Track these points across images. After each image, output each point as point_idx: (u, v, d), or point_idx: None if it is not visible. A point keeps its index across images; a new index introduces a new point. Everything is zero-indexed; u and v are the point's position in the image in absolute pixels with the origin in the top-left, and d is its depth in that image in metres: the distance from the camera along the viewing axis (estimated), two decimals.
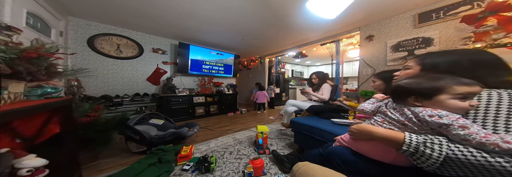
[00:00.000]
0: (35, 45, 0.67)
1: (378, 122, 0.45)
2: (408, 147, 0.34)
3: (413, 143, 0.33)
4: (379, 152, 0.42)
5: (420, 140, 0.33)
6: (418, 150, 0.32)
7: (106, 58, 1.98)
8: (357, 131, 0.46)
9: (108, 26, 1.96)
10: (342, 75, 2.36)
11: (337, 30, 2.06)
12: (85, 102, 1.04)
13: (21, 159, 0.46)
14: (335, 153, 0.50)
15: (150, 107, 2.16)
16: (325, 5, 1.19)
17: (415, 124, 0.37)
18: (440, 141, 0.31)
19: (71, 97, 1.12)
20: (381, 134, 0.39)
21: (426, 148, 0.31)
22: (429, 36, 1.43)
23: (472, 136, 0.28)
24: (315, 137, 0.92)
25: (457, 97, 0.33)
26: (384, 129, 0.41)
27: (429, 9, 1.42)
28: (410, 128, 0.37)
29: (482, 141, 0.27)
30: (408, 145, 0.34)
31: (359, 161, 0.44)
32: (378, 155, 0.42)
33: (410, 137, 0.34)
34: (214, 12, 1.59)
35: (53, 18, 1.44)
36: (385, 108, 0.45)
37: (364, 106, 0.54)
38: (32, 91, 0.61)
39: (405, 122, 0.38)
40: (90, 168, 0.92)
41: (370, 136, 0.42)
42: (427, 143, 0.32)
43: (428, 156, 0.31)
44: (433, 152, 0.30)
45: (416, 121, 0.36)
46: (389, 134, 0.38)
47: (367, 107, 0.53)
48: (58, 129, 0.67)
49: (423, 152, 0.31)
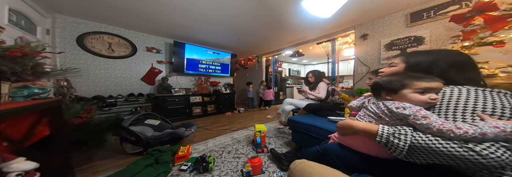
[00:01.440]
0: (19, 44, 0.64)
1: (360, 117, 0.49)
2: (380, 138, 0.37)
3: (384, 134, 0.37)
4: (363, 145, 0.45)
5: (390, 131, 0.37)
6: (389, 140, 0.36)
7: (98, 57, 1.91)
8: (341, 126, 0.50)
9: (98, 24, 1.88)
10: (338, 74, 2.40)
11: (332, 29, 2.08)
12: (76, 103, 1.01)
13: (10, 162, 0.44)
14: (330, 150, 0.52)
15: (145, 108, 2.11)
16: (320, 4, 1.20)
17: (387, 115, 0.41)
18: (406, 132, 0.35)
19: (61, 98, 1.08)
20: (360, 127, 0.43)
21: (394, 138, 0.35)
22: (421, 35, 1.47)
23: (433, 124, 0.32)
24: (312, 135, 0.93)
25: (417, 91, 0.38)
26: (362, 123, 0.45)
27: (421, 8, 1.46)
28: (384, 120, 0.42)
29: (440, 128, 0.30)
30: (381, 136, 0.37)
31: (351, 156, 0.46)
32: (364, 148, 0.45)
33: (382, 128, 0.38)
34: (209, 10, 1.56)
35: (38, 15, 1.37)
36: (367, 103, 0.50)
37: (353, 103, 0.59)
38: (17, 92, 0.58)
39: (380, 115, 0.42)
40: (84, 170, 0.90)
41: (352, 130, 0.45)
42: (395, 134, 0.35)
43: (396, 145, 0.34)
44: (400, 141, 0.34)
45: (388, 113, 0.41)
46: (366, 127, 0.42)
47: (354, 104, 0.58)
48: (48, 131, 0.65)
49: (392, 142, 0.35)
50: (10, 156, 0.45)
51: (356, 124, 0.45)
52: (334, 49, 2.30)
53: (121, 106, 1.94)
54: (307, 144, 1.01)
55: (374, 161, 0.43)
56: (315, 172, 0.35)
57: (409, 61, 0.47)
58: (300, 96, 1.82)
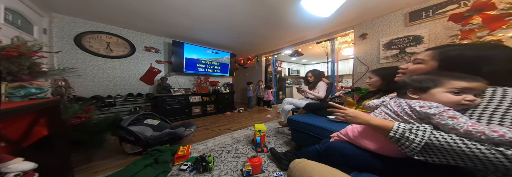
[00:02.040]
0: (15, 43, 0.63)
1: (375, 114, 0.49)
2: (394, 133, 0.36)
3: (400, 130, 0.36)
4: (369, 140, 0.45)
5: (407, 127, 0.36)
6: (404, 135, 0.35)
7: (96, 57, 1.90)
8: (353, 115, 0.47)
9: (96, 23, 1.86)
10: (337, 73, 2.40)
11: (332, 28, 2.08)
12: (75, 103, 1.00)
13: (7, 163, 0.44)
14: (334, 148, 0.51)
15: (144, 108, 2.10)
16: (319, 3, 1.20)
17: (406, 114, 0.40)
18: (425, 128, 0.33)
19: (59, 98, 1.07)
20: (375, 122, 0.42)
21: (410, 134, 0.34)
22: (419, 34, 1.48)
23: (460, 125, 0.30)
24: (312, 134, 0.93)
25: (452, 91, 0.35)
26: (380, 119, 0.43)
27: (419, 8, 1.46)
28: (401, 118, 0.41)
29: (468, 129, 0.29)
30: (395, 131, 0.36)
31: (357, 154, 0.46)
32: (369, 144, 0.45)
33: (398, 124, 0.38)
34: (208, 9, 1.55)
35: (35, 15, 1.35)
36: (388, 101, 0.49)
37: (373, 101, 0.57)
38: (14, 92, 0.57)
39: (398, 113, 0.41)
40: (83, 170, 0.89)
41: (366, 122, 0.43)
42: (412, 129, 0.34)
43: (411, 141, 0.33)
44: (416, 137, 0.33)
45: (408, 112, 0.39)
46: (380, 122, 0.41)
47: (374, 102, 0.56)
48: (46, 132, 0.64)
49: (408, 137, 0.34)
50: (8, 157, 0.45)
51: (369, 118, 0.43)
52: (334, 48, 2.30)
53: (120, 106, 1.92)
54: (306, 143, 1.01)
55: (379, 159, 0.43)
56: (315, 171, 0.35)
57: (442, 59, 0.40)
58: (299, 95, 1.82)
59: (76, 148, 0.90)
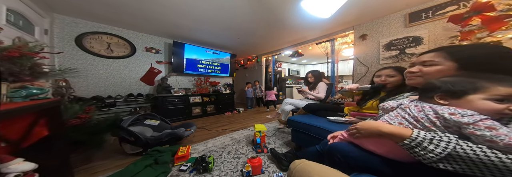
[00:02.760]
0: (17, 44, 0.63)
1: (390, 117, 0.44)
2: (410, 142, 0.34)
3: (418, 139, 0.33)
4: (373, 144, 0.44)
5: (427, 136, 0.32)
6: (421, 145, 0.32)
7: (96, 58, 1.90)
8: (363, 128, 0.44)
9: (97, 24, 1.87)
10: (337, 74, 2.40)
11: (332, 29, 2.09)
12: (75, 103, 1.00)
13: (8, 163, 0.44)
14: (336, 149, 0.50)
15: (144, 108, 2.11)
16: (319, 4, 1.20)
17: (429, 121, 0.35)
18: (449, 139, 0.30)
19: (60, 99, 1.08)
20: (387, 129, 0.39)
21: (430, 144, 0.31)
22: (419, 35, 1.48)
23: (500, 137, 0.26)
24: (312, 134, 0.93)
25: (493, 98, 0.30)
26: (391, 126, 0.40)
27: (419, 9, 1.47)
28: (421, 124, 0.36)
29: (510, 143, 0.25)
30: (412, 140, 0.33)
31: (360, 157, 0.45)
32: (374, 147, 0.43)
33: (418, 133, 0.34)
34: (208, 10, 1.56)
35: (36, 15, 1.36)
36: (407, 104, 0.43)
37: (388, 103, 0.51)
38: (15, 93, 0.57)
39: (419, 119, 0.37)
40: (83, 171, 0.89)
41: (378, 132, 0.40)
42: (434, 140, 0.31)
43: (429, 151, 0.31)
44: (437, 148, 0.30)
45: (432, 118, 0.35)
46: (395, 130, 0.37)
47: (390, 104, 0.49)
48: (46, 132, 0.64)
49: (425, 147, 0.31)
50: (8, 157, 0.45)
51: (379, 125, 0.40)
52: (334, 49, 2.31)
53: (120, 106, 1.93)
54: (306, 144, 1.01)
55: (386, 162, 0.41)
56: (315, 172, 0.35)
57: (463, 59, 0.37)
58: (299, 96, 1.82)
59: (76, 148, 0.90)
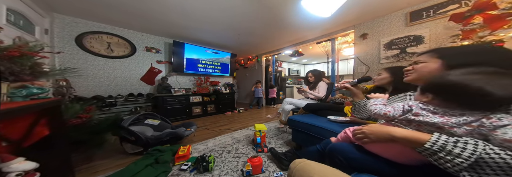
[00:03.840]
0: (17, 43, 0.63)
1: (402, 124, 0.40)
2: (431, 145, 0.30)
3: (440, 142, 0.30)
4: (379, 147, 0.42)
5: (450, 140, 0.29)
6: (445, 149, 0.29)
7: (97, 57, 1.90)
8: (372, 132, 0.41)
9: (97, 23, 1.87)
10: (337, 73, 2.40)
11: (332, 28, 2.08)
12: (76, 103, 1.00)
13: (9, 162, 0.44)
14: (337, 150, 0.50)
15: (145, 108, 2.11)
16: (320, 3, 1.20)
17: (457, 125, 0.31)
18: (476, 142, 0.28)
19: (60, 98, 1.08)
20: (401, 134, 0.35)
21: (455, 147, 0.28)
22: (420, 34, 1.47)
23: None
24: (312, 134, 0.93)
25: None
26: (405, 130, 0.37)
27: (420, 7, 1.46)
28: (444, 130, 0.33)
29: None
30: (433, 143, 0.30)
31: (362, 158, 0.44)
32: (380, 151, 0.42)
33: (438, 136, 0.31)
34: (208, 10, 1.56)
35: (36, 15, 1.36)
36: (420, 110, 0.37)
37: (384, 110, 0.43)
38: (16, 92, 0.58)
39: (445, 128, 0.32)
40: (84, 170, 0.89)
41: (390, 137, 0.37)
42: (459, 143, 0.28)
43: (455, 155, 0.28)
44: (464, 151, 0.27)
45: None
46: (410, 134, 0.35)
47: (390, 111, 0.42)
48: (47, 131, 0.64)
49: (450, 151, 0.28)
50: (9, 156, 0.45)
51: (390, 129, 0.38)
52: (334, 48, 2.30)
53: (121, 106, 1.93)
54: (307, 143, 1.01)
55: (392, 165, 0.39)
56: (315, 171, 0.34)
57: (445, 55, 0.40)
58: (300, 95, 1.82)
59: (77, 148, 0.91)
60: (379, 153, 0.42)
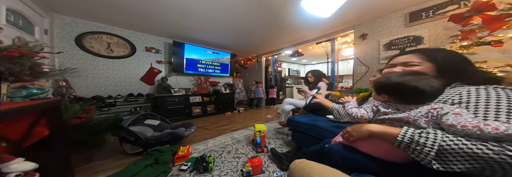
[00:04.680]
0: (17, 44, 0.63)
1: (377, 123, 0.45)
2: (402, 138, 0.35)
3: (408, 134, 0.34)
4: (370, 146, 0.44)
5: (416, 131, 0.34)
6: (413, 139, 0.33)
7: (97, 58, 1.90)
8: (354, 130, 0.46)
9: (97, 24, 1.87)
10: (337, 73, 2.40)
11: (332, 28, 2.08)
12: (75, 103, 1.00)
13: (9, 163, 0.44)
14: (333, 151, 0.51)
15: (145, 108, 2.11)
16: (319, 3, 1.20)
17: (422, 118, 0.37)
18: (435, 131, 0.32)
19: (60, 98, 1.08)
20: (379, 130, 0.40)
21: (420, 137, 0.32)
22: (420, 35, 1.48)
23: (458, 120, 0.30)
24: (312, 134, 0.93)
25: None
26: (381, 126, 0.42)
27: (420, 8, 1.46)
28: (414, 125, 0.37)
29: (464, 125, 0.29)
30: (403, 136, 0.35)
31: (356, 158, 0.45)
32: (370, 150, 0.44)
33: (406, 129, 0.36)
34: (208, 10, 1.56)
35: (36, 15, 1.36)
36: (386, 109, 0.43)
37: (359, 112, 0.48)
38: (16, 92, 0.57)
39: (410, 121, 0.37)
40: (84, 171, 0.89)
41: (369, 133, 0.42)
42: (422, 133, 0.33)
43: (423, 145, 0.31)
44: (427, 141, 0.31)
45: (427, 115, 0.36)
46: (385, 129, 0.39)
47: (365, 114, 0.47)
48: (47, 132, 0.64)
49: (418, 141, 0.32)
50: (9, 157, 0.45)
51: (372, 126, 0.42)
52: (334, 48, 2.31)
53: (121, 106, 1.93)
54: (307, 143, 1.01)
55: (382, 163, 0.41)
56: (315, 172, 0.35)
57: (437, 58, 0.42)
58: (300, 96, 1.82)
59: (77, 148, 0.90)
60: (370, 153, 0.44)
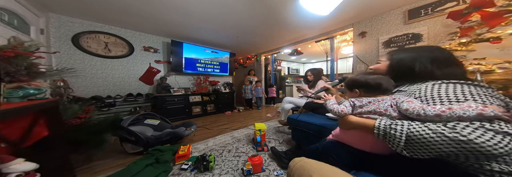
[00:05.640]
0: (12, 44, 0.62)
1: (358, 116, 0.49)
2: (378, 130, 0.38)
3: (381, 126, 0.38)
4: (358, 140, 0.47)
5: (387, 123, 0.37)
6: (386, 132, 0.37)
7: (94, 57, 1.88)
8: (340, 123, 0.52)
9: (94, 23, 1.85)
10: (336, 72, 2.40)
11: (331, 27, 2.07)
12: (74, 103, 1.00)
13: (9, 163, 0.44)
14: (328, 147, 0.53)
15: (144, 108, 2.10)
16: (318, 1, 1.19)
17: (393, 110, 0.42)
18: (402, 123, 0.35)
19: (58, 99, 1.07)
20: (358, 121, 0.44)
21: (391, 129, 0.36)
22: (418, 32, 1.48)
23: (410, 105, 0.37)
24: (312, 133, 0.94)
25: None
26: (359, 118, 0.45)
27: (418, 5, 1.45)
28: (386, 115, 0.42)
29: (414, 107, 0.35)
30: (377, 128, 0.38)
31: (349, 152, 0.47)
32: (359, 144, 0.47)
33: (379, 121, 0.39)
34: (207, 9, 1.54)
35: (31, 15, 1.33)
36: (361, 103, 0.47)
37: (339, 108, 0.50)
38: (12, 93, 0.57)
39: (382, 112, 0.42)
40: (84, 170, 0.89)
41: (350, 125, 0.47)
42: (392, 125, 0.36)
43: (393, 137, 0.35)
44: (396, 132, 0.35)
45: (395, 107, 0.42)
46: (363, 121, 0.43)
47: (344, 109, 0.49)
48: (46, 132, 0.64)
49: (390, 133, 0.36)
50: (9, 157, 0.45)
51: (351, 120, 0.46)
52: (333, 47, 2.30)
53: (120, 106, 1.92)
54: (306, 142, 1.01)
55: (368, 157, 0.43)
56: (314, 170, 0.35)
57: (393, 58, 0.50)
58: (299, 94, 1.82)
59: (77, 148, 0.90)
60: (357, 146, 0.47)
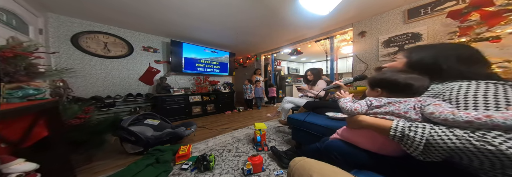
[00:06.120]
0: (10, 44, 0.62)
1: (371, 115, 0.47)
2: (394, 132, 0.36)
3: (399, 128, 0.35)
4: (366, 141, 0.45)
5: (406, 124, 0.35)
6: (404, 134, 0.34)
7: (93, 57, 1.88)
8: (349, 122, 0.50)
9: (93, 23, 1.84)
10: (336, 71, 2.40)
11: (330, 26, 2.07)
12: (74, 103, 0.99)
13: (9, 164, 0.44)
14: (332, 146, 0.52)
15: (144, 108, 2.10)
16: (318, 1, 1.19)
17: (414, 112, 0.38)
18: (424, 125, 0.33)
19: (58, 99, 1.07)
20: (372, 122, 0.42)
21: (410, 131, 0.33)
22: (418, 32, 1.48)
23: (437, 108, 0.33)
24: (312, 132, 0.94)
25: None
26: (373, 118, 0.43)
27: (418, 5, 1.46)
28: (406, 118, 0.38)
29: (442, 111, 0.31)
30: (395, 129, 0.36)
31: (354, 152, 0.47)
32: (366, 144, 0.45)
33: (397, 122, 0.37)
34: (206, 8, 1.54)
35: (29, 15, 1.33)
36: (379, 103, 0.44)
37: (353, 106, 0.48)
38: (12, 93, 0.57)
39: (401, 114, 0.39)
40: (85, 170, 0.89)
41: (361, 124, 0.45)
42: (411, 127, 0.34)
43: (412, 139, 0.32)
44: (416, 134, 0.32)
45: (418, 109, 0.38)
46: (378, 122, 0.41)
47: (358, 107, 0.47)
48: (46, 132, 0.64)
49: (408, 135, 0.33)
50: (9, 158, 0.45)
51: (364, 118, 0.44)
52: (333, 46, 2.30)
53: (120, 106, 1.92)
54: (306, 141, 1.02)
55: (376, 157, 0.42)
56: (314, 169, 0.35)
57: (412, 56, 0.47)
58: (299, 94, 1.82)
59: (77, 148, 0.90)
60: (366, 147, 0.45)
